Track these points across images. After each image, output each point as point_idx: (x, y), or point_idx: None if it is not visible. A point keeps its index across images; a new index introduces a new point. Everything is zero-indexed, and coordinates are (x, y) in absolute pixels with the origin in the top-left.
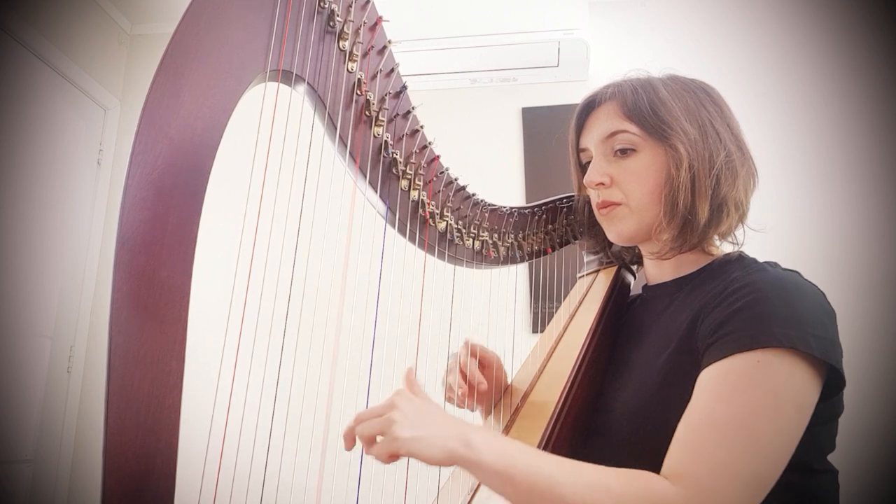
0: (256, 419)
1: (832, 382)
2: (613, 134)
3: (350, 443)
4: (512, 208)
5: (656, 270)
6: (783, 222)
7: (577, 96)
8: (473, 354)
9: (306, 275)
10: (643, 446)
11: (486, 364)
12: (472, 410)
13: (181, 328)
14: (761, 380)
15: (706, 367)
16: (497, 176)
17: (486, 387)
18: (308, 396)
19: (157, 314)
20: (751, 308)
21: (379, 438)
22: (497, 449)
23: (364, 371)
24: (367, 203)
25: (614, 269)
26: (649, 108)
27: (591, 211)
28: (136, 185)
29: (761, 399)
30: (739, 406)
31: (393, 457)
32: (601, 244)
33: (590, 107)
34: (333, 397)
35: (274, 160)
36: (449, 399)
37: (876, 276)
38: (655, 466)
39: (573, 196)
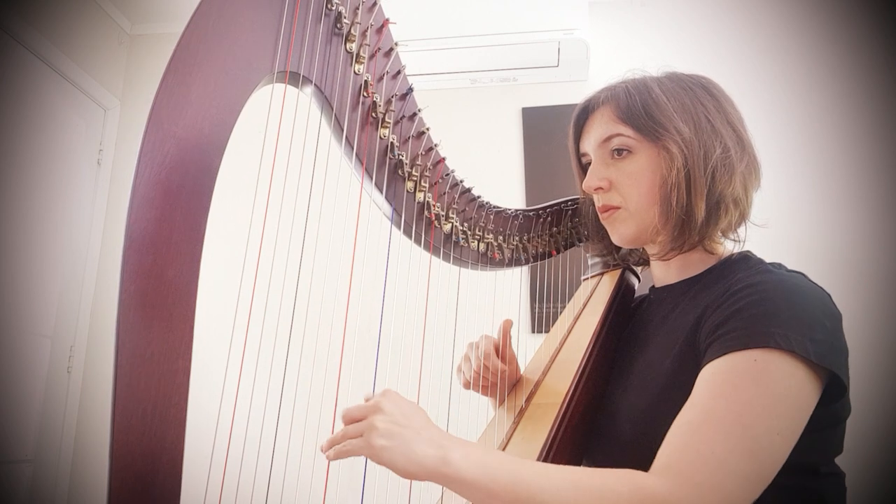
0: (262, 418)
1: (834, 386)
2: (609, 138)
3: (329, 445)
4: (517, 210)
5: (662, 272)
6: (783, 220)
7: (577, 96)
8: (506, 334)
9: (312, 275)
10: (648, 448)
11: (503, 356)
12: (485, 395)
13: (188, 327)
14: (758, 377)
15: (705, 365)
16: (497, 176)
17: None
18: (313, 396)
19: (163, 313)
20: (751, 308)
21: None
22: (476, 463)
23: (369, 371)
24: (372, 204)
25: (618, 271)
26: (642, 110)
27: (597, 214)
28: (143, 184)
29: (757, 396)
30: (735, 402)
31: (351, 455)
32: (608, 247)
33: (586, 112)
34: (339, 397)
35: (281, 161)
36: (465, 382)
37: (878, 275)
38: None
39: (578, 198)
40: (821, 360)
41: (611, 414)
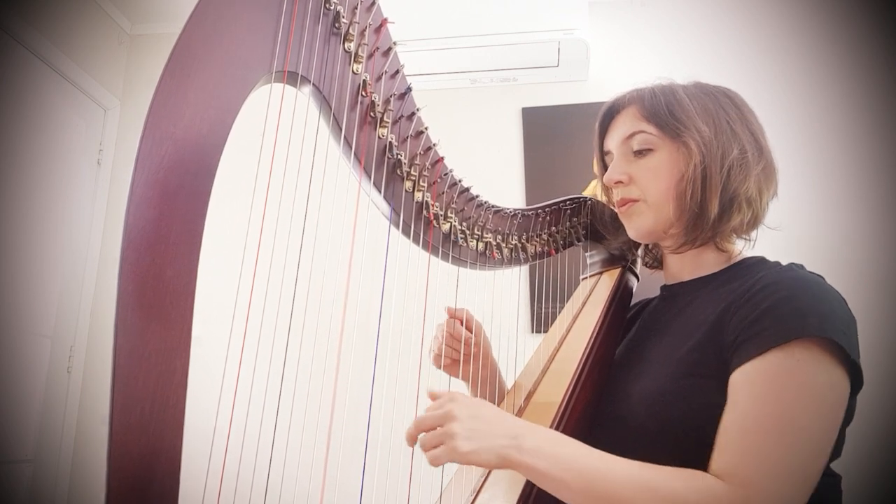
0: (260, 418)
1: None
2: (632, 135)
3: (412, 441)
4: (516, 210)
5: (677, 268)
6: (783, 221)
7: (577, 96)
8: (453, 316)
9: (311, 275)
10: (660, 433)
11: (468, 327)
12: (454, 375)
13: (186, 327)
14: (802, 375)
15: (742, 364)
16: (497, 176)
17: (472, 341)
18: (312, 396)
19: (161, 313)
20: (782, 305)
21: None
22: (549, 453)
23: (367, 371)
24: (371, 204)
25: (618, 271)
26: (666, 109)
27: (613, 213)
28: (141, 184)
29: (804, 395)
30: (785, 404)
31: (442, 463)
32: (628, 243)
33: (611, 112)
34: (337, 397)
35: (279, 161)
36: (444, 367)
37: (878, 275)
38: (672, 454)
39: (577, 198)
40: (851, 351)
41: (621, 399)
